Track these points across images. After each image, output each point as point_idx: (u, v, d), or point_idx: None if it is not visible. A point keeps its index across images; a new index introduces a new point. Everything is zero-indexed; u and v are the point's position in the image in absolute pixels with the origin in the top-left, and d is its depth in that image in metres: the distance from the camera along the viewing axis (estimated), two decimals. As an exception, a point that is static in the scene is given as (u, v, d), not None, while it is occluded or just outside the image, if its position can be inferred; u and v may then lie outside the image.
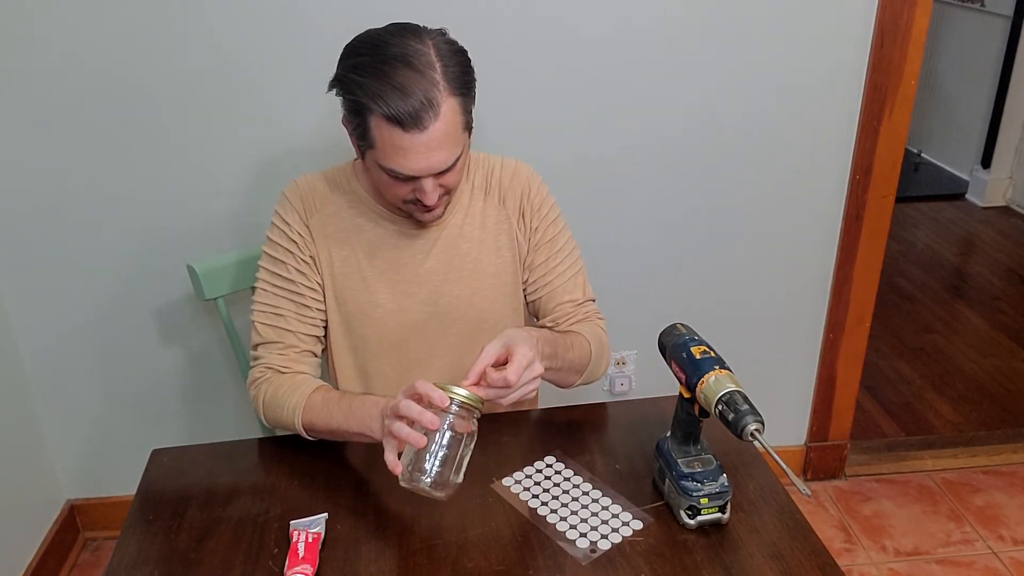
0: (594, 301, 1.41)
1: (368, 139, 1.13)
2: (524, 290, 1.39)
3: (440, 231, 1.32)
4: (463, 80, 1.13)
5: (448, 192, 1.22)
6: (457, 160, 1.16)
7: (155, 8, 1.64)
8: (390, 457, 1.04)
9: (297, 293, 1.30)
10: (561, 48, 1.77)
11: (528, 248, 1.36)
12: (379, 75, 1.08)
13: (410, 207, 1.22)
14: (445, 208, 1.26)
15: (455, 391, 1.02)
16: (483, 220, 1.33)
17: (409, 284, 1.32)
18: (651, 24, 1.77)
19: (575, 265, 1.38)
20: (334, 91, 1.16)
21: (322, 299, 1.32)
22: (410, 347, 1.35)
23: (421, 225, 1.30)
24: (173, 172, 1.78)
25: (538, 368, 1.09)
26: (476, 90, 1.17)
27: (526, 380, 1.08)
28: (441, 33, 1.14)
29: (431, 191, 1.16)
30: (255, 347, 1.32)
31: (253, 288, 1.36)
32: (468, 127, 1.18)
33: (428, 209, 1.21)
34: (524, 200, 1.34)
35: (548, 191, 1.37)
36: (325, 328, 1.35)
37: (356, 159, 1.33)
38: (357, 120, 1.13)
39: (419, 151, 1.11)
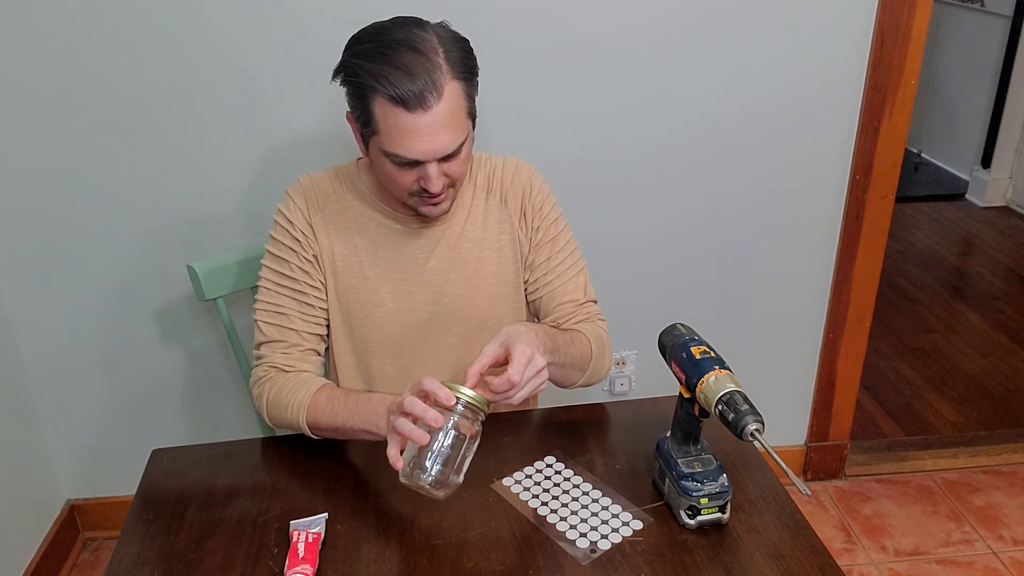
0: (596, 302, 1.41)
1: (372, 125, 1.13)
2: (525, 289, 1.39)
3: (443, 230, 1.32)
4: (465, 65, 1.14)
5: (453, 184, 1.21)
6: (461, 147, 1.16)
7: (155, 7, 1.64)
8: (392, 451, 1.04)
9: (300, 292, 1.30)
10: (561, 48, 1.77)
11: (529, 247, 1.36)
12: (383, 58, 1.09)
13: (415, 200, 1.21)
14: (451, 203, 1.26)
15: (462, 391, 1.02)
16: (485, 219, 1.33)
17: (411, 283, 1.32)
18: (651, 24, 1.77)
19: (576, 265, 1.38)
20: (338, 80, 1.16)
21: (325, 297, 1.32)
22: (412, 346, 1.35)
23: (425, 222, 1.30)
24: (173, 172, 1.78)
25: (540, 361, 1.09)
26: (479, 79, 1.18)
27: (530, 375, 1.08)
28: (442, 25, 1.16)
29: (436, 178, 1.16)
30: (258, 346, 1.32)
31: (255, 287, 1.36)
32: (472, 115, 1.18)
33: (434, 200, 1.20)
34: (526, 199, 1.34)
35: (550, 191, 1.37)
36: (328, 327, 1.35)
37: (360, 158, 1.34)
38: (361, 106, 1.13)
39: (423, 133, 1.11)
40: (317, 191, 1.31)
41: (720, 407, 0.98)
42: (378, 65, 1.09)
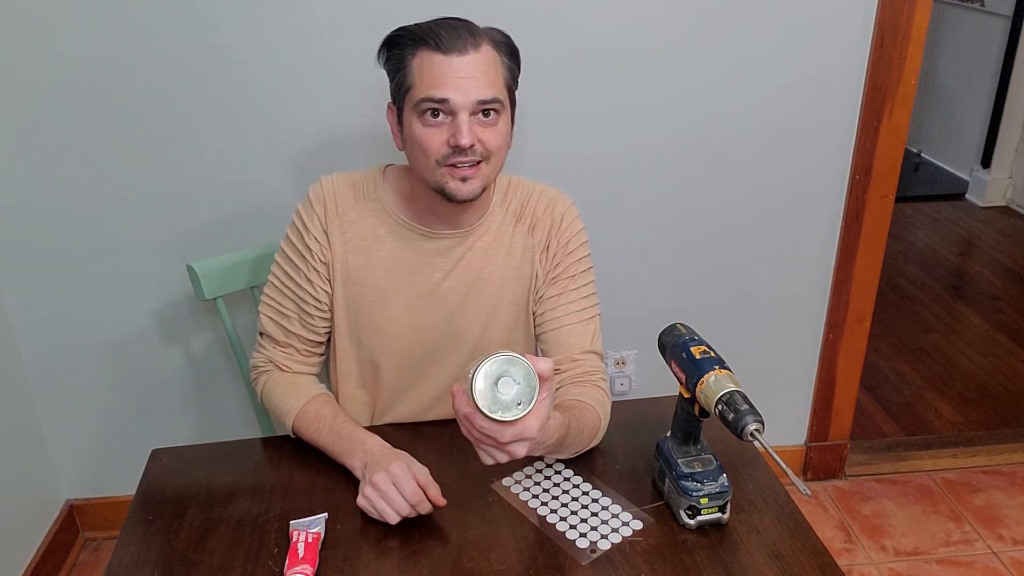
0: (603, 358, 1.33)
1: (408, 81, 1.15)
2: (532, 322, 1.35)
3: (464, 250, 1.28)
4: (506, 44, 1.19)
5: (487, 159, 1.17)
6: (497, 107, 1.16)
7: (158, 6, 1.64)
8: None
9: (303, 300, 1.29)
10: (561, 49, 1.77)
11: (544, 280, 1.31)
12: (429, 23, 1.15)
13: (444, 173, 1.16)
14: (482, 186, 1.19)
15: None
16: (510, 247, 1.30)
17: (424, 301, 1.29)
18: (651, 24, 1.77)
19: (591, 311, 1.31)
20: (381, 60, 1.19)
21: (327, 310, 1.30)
22: (419, 364, 1.32)
23: (446, 219, 1.25)
24: (173, 172, 1.78)
25: (520, 450, 0.98)
26: (520, 67, 1.21)
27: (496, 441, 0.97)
28: (489, 27, 1.20)
29: (467, 130, 1.13)
30: (260, 334, 1.33)
31: (254, 287, 1.36)
32: (510, 90, 1.20)
33: (464, 168, 1.15)
34: (552, 232, 1.30)
35: (583, 229, 1.32)
36: (329, 336, 1.34)
37: (386, 166, 1.31)
38: (401, 68, 1.16)
39: (457, 73, 1.12)
40: (338, 197, 1.28)
41: (720, 407, 0.98)
42: (424, 26, 1.14)
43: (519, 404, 0.92)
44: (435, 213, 1.25)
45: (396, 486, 1.07)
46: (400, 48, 1.16)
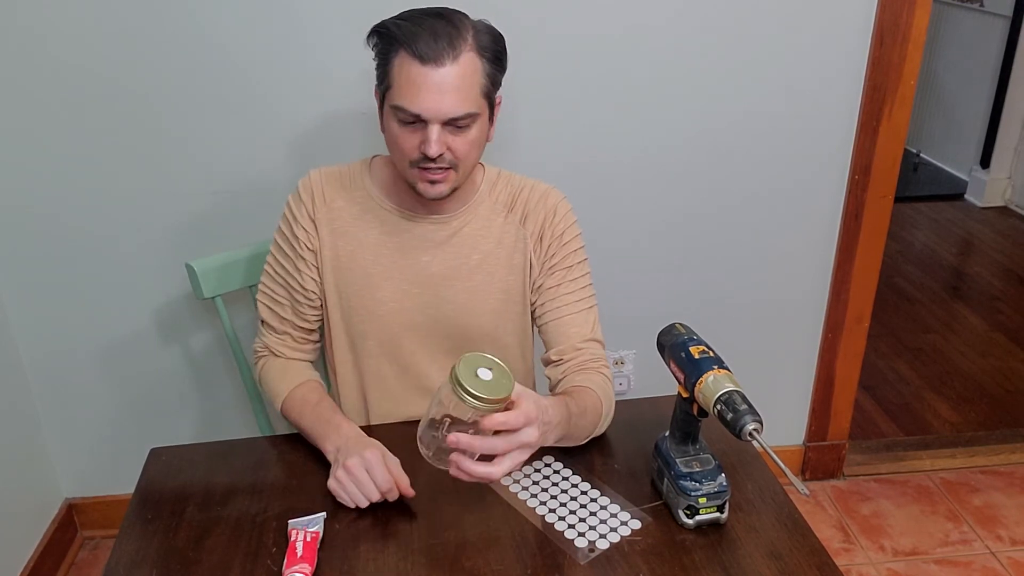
0: (603, 345, 1.35)
1: (388, 79, 1.17)
2: (532, 312, 1.37)
3: (448, 235, 1.31)
4: (492, 49, 1.18)
5: (456, 166, 1.20)
6: (469, 122, 1.17)
7: (151, 7, 1.64)
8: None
9: (294, 289, 1.33)
10: (563, 51, 1.77)
11: (540, 270, 1.33)
12: (415, 22, 1.15)
13: (416, 174, 1.20)
14: (451, 188, 1.23)
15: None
16: (500, 236, 1.32)
17: (411, 285, 1.31)
18: (651, 25, 1.77)
19: (588, 300, 1.34)
20: (371, 44, 1.20)
21: (316, 299, 1.33)
22: (408, 349, 1.34)
23: (431, 209, 1.28)
24: (172, 171, 1.78)
25: (532, 433, 1.00)
26: (505, 69, 1.21)
27: (511, 455, 0.99)
28: (483, 21, 1.20)
29: (436, 141, 1.15)
30: (260, 321, 1.38)
31: (253, 286, 1.36)
32: (488, 97, 1.20)
33: (432, 174, 1.19)
34: (546, 224, 1.32)
35: (576, 222, 1.34)
36: (321, 324, 1.37)
37: (372, 157, 1.34)
38: (384, 62, 1.17)
39: (431, 89, 1.13)
40: (325, 186, 1.31)
41: (719, 407, 0.98)
42: (409, 25, 1.14)
43: (504, 380, 0.97)
44: (415, 199, 1.28)
45: (368, 472, 1.10)
46: (385, 41, 1.17)
